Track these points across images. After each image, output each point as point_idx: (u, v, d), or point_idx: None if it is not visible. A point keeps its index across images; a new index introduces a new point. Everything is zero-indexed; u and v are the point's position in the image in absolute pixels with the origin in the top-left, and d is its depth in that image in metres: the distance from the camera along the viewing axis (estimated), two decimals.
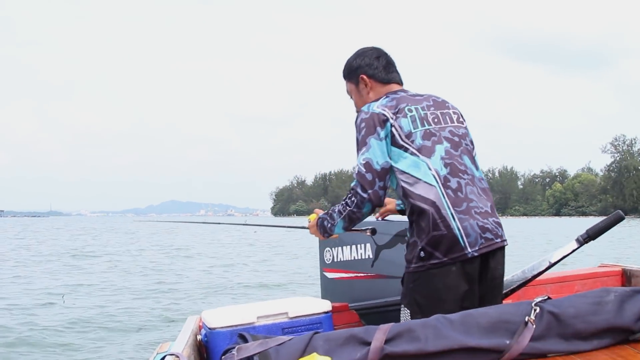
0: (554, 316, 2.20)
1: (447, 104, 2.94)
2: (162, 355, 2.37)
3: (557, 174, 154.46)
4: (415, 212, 2.71)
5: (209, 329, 2.88)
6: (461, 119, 2.93)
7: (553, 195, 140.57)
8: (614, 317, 2.21)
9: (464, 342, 2.16)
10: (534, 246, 27.28)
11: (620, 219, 3.05)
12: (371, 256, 3.57)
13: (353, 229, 3.00)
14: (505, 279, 3.09)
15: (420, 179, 2.71)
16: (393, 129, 2.76)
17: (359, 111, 2.96)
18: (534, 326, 2.18)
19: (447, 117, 2.87)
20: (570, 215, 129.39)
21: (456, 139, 2.83)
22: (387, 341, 2.18)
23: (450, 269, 2.65)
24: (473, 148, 2.92)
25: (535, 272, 3.07)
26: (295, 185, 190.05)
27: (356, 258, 3.63)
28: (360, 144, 2.78)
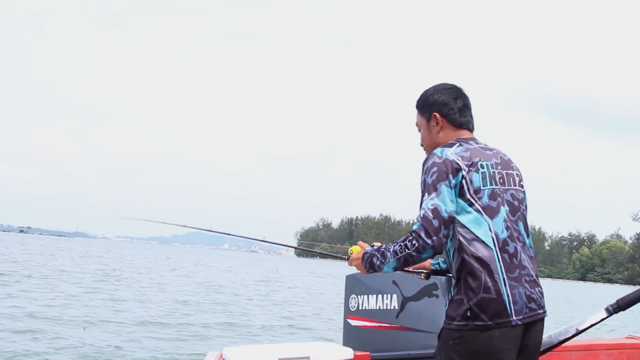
0: None
1: (512, 164, 2.90)
2: None
3: (585, 238, 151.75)
4: (466, 269, 2.66)
5: None
6: (522, 182, 2.90)
7: (579, 260, 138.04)
8: None
9: None
10: (555, 310, 26.61)
11: None
12: (397, 307, 3.55)
13: (406, 269, 2.93)
14: None
15: (478, 237, 2.67)
16: (463, 181, 2.70)
17: (426, 147, 2.97)
18: None
19: (511, 178, 2.84)
20: (595, 281, 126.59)
21: (516, 202, 2.81)
22: None
23: (493, 333, 2.61)
24: (526, 214, 2.89)
25: (562, 338, 3.02)
26: (321, 227, 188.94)
27: (381, 308, 3.62)
28: (429, 188, 2.69)
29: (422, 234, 2.61)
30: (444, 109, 2.93)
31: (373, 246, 2.94)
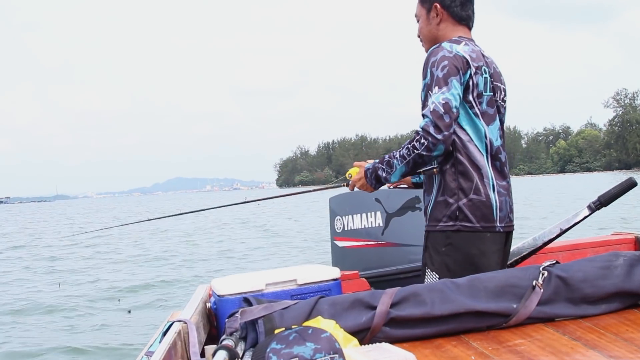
0: (562, 280, 2.19)
1: (501, 78, 2.86)
2: (171, 323, 2.38)
3: (560, 131, 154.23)
4: (458, 170, 2.66)
5: (218, 296, 2.88)
6: (505, 98, 2.87)
7: (557, 153, 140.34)
8: (622, 282, 2.19)
9: (471, 306, 2.15)
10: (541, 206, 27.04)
11: (633, 184, 3.01)
12: (381, 224, 3.55)
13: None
14: (516, 246, 3.08)
15: (473, 141, 2.66)
16: (470, 81, 2.65)
17: (423, 39, 2.90)
18: (542, 290, 2.17)
19: (499, 91, 2.80)
20: (574, 171, 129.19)
21: (501, 116, 2.81)
22: (393, 305, 2.17)
23: (485, 235, 2.65)
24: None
25: (547, 239, 3.04)
26: (299, 155, 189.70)
27: (366, 226, 3.62)
28: (440, 81, 2.60)
29: (432, 130, 2.53)
30: (446, 0, 2.84)
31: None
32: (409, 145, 2.59)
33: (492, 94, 2.73)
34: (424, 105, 2.61)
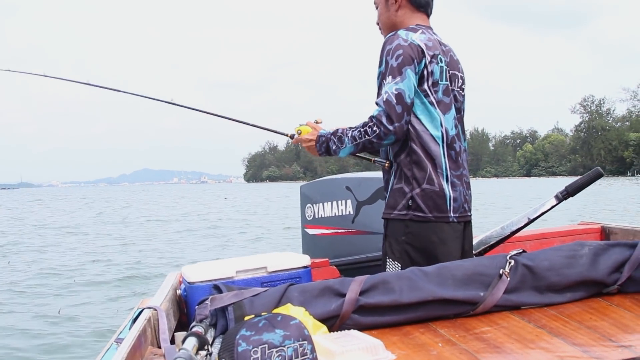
0: (528, 269, 2.22)
1: (459, 66, 2.85)
2: (141, 310, 2.37)
3: (527, 134, 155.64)
4: (412, 159, 2.65)
5: (188, 283, 2.87)
6: (463, 86, 2.86)
7: (524, 156, 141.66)
8: (587, 271, 2.22)
9: (439, 294, 2.17)
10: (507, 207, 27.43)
11: (599, 175, 3.06)
12: (352, 212, 3.57)
13: (360, 155, 2.86)
14: (484, 235, 3.11)
15: (428, 131, 2.65)
16: (425, 70, 2.64)
17: (382, 26, 2.88)
18: (509, 279, 2.19)
19: (456, 79, 2.79)
20: (540, 175, 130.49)
21: (458, 104, 2.79)
22: (362, 293, 2.19)
23: (442, 226, 2.65)
24: (464, 118, 2.88)
25: (514, 229, 3.08)
26: (268, 150, 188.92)
27: (337, 214, 3.63)
28: (394, 71, 2.59)
29: (384, 120, 2.54)
30: None
31: (318, 124, 2.90)
32: (362, 129, 2.61)
33: (448, 82, 2.72)
34: (378, 94, 2.62)
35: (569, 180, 3.17)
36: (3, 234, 19.70)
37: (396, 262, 2.67)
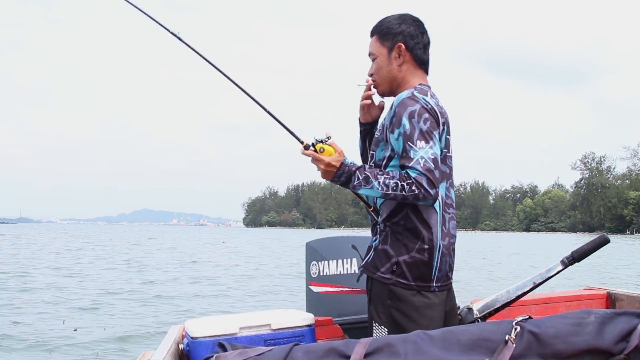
0: (534, 336, 2.21)
1: (450, 129, 2.80)
2: None
3: (527, 189, 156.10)
4: (406, 225, 2.60)
5: (191, 338, 2.87)
6: (451, 147, 2.81)
7: (523, 211, 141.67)
8: (594, 339, 2.21)
9: (444, 359, 2.16)
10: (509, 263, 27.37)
11: (606, 241, 3.06)
12: (357, 271, 3.56)
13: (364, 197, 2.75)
14: (489, 298, 3.10)
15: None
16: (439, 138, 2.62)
17: (379, 80, 2.79)
18: (514, 345, 2.18)
19: (450, 143, 2.77)
20: (539, 230, 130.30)
21: (450, 170, 2.76)
22: (366, 355, 2.18)
23: (425, 293, 2.60)
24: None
25: (520, 293, 3.07)
26: (268, 196, 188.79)
27: (342, 273, 3.63)
28: (425, 135, 2.52)
29: (425, 184, 2.47)
30: (411, 41, 2.75)
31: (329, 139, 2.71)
32: (398, 182, 2.51)
33: (447, 150, 2.70)
34: (405, 157, 2.54)
35: (568, 236, 3.18)
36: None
37: (383, 327, 2.63)
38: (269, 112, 2.83)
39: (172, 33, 2.93)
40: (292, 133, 2.78)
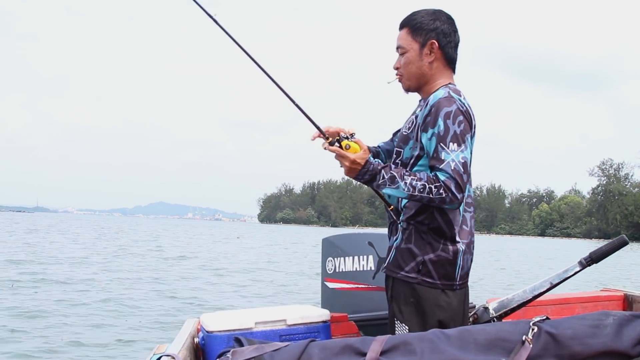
0: (551, 337, 2.20)
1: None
2: (158, 356, 2.37)
3: (544, 194, 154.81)
4: (430, 224, 2.60)
5: (207, 332, 2.88)
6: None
7: (539, 216, 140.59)
8: (611, 341, 2.20)
9: (460, 358, 2.16)
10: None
11: (624, 243, 3.04)
12: (373, 268, 3.56)
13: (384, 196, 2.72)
14: (505, 297, 3.09)
15: None
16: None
17: (406, 75, 2.74)
18: (531, 345, 2.18)
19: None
20: (554, 236, 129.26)
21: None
22: (382, 353, 2.18)
23: (448, 292, 2.61)
24: None
25: (536, 293, 3.05)
26: (283, 192, 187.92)
27: (358, 269, 3.63)
28: (458, 138, 2.51)
29: (453, 188, 2.47)
30: (444, 39, 2.71)
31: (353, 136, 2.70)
32: (426, 184, 2.49)
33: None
34: (436, 158, 2.53)
35: (583, 242, 3.17)
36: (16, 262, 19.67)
37: (404, 325, 2.62)
38: (297, 106, 2.77)
39: (208, 14, 2.86)
40: (318, 128, 2.75)
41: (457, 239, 2.62)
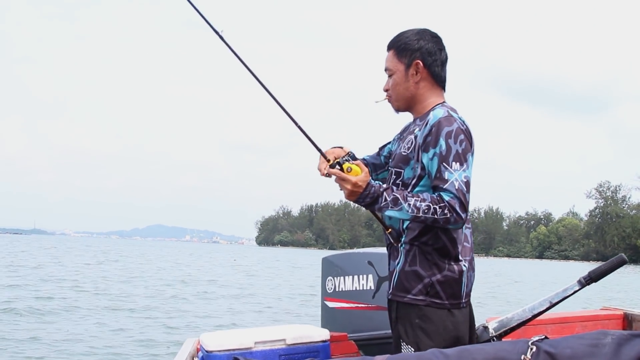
0: (550, 356, 2.20)
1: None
2: None
3: (542, 216, 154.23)
4: (435, 245, 2.59)
5: (206, 352, 2.88)
6: None
7: (537, 238, 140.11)
8: None
9: None
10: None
11: (623, 262, 3.05)
12: (373, 287, 3.57)
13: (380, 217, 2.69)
14: (505, 317, 3.09)
15: None
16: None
17: (395, 96, 2.76)
18: None
19: None
20: (552, 258, 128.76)
21: None
22: None
23: (454, 312, 2.61)
24: None
25: (536, 312, 3.05)
26: (281, 215, 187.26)
27: (358, 289, 3.63)
28: (460, 158, 2.52)
29: (457, 208, 2.46)
30: (429, 58, 2.70)
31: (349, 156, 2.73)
32: (431, 205, 2.48)
33: None
34: (439, 178, 2.52)
35: (581, 264, 3.18)
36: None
37: (410, 347, 2.59)
38: (299, 127, 2.75)
39: (215, 30, 2.85)
40: (319, 150, 2.74)
41: (460, 257, 2.62)
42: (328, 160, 2.67)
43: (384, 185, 2.60)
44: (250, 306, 16.17)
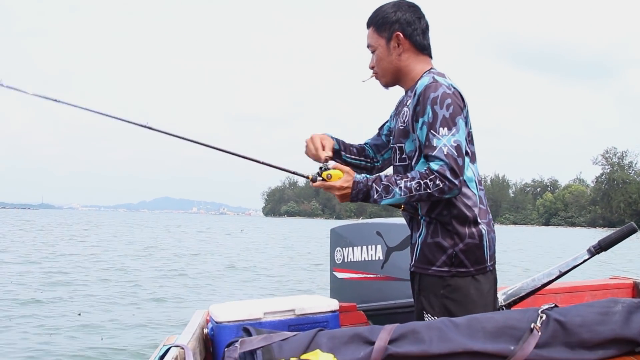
0: (560, 324, 2.19)
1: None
2: (167, 347, 2.38)
3: (548, 183, 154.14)
4: (452, 213, 2.56)
5: (216, 322, 2.89)
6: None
7: (543, 205, 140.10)
8: (620, 328, 2.19)
9: (469, 346, 2.15)
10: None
11: (633, 231, 3.04)
12: (381, 258, 3.56)
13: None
14: (514, 286, 3.09)
15: (466, 183, 2.56)
16: (466, 120, 2.57)
17: (381, 72, 2.74)
18: (540, 333, 2.17)
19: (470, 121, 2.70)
20: (559, 225, 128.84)
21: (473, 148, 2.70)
22: (391, 341, 2.18)
23: (480, 277, 2.59)
24: None
25: (545, 281, 3.05)
26: (288, 186, 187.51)
27: (366, 259, 3.63)
28: (447, 122, 2.47)
29: (448, 174, 2.43)
30: (408, 28, 2.68)
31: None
32: (420, 181, 2.46)
33: (471, 129, 2.65)
34: (428, 146, 2.50)
35: (588, 231, 3.16)
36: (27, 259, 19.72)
37: (435, 318, 2.57)
38: (264, 163, 2.92)
39: (142, 125, 3.09)
40: (294, 172, 2.78)
41: (479, 220, 2.59)
42: (307, 177, 2.70)
43: (371, 177, 2.59)
44: (259, 277, 16.25)
